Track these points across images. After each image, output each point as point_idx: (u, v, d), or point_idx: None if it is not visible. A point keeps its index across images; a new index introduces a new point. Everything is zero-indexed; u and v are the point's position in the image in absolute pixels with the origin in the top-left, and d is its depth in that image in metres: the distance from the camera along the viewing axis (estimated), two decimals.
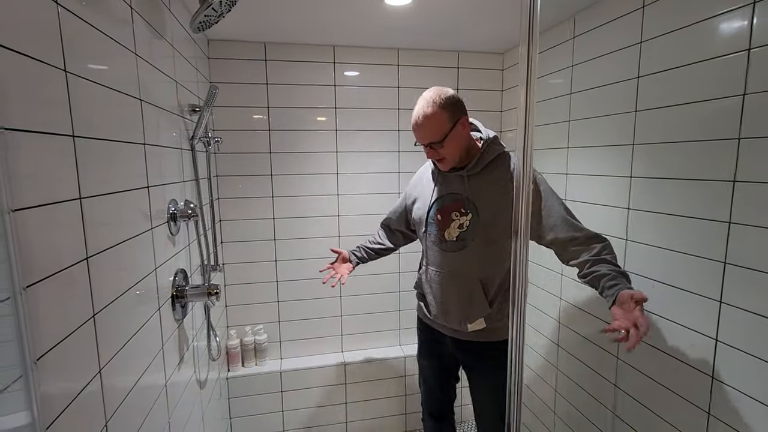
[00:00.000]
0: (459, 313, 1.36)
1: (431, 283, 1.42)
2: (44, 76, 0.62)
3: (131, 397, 0.88)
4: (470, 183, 1.33)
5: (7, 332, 0.50)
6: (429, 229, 1.41)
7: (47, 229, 0.61)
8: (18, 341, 0.50)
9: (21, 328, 0.50)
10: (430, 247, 1.41)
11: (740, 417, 1.05)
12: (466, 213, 1.32)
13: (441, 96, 1.27)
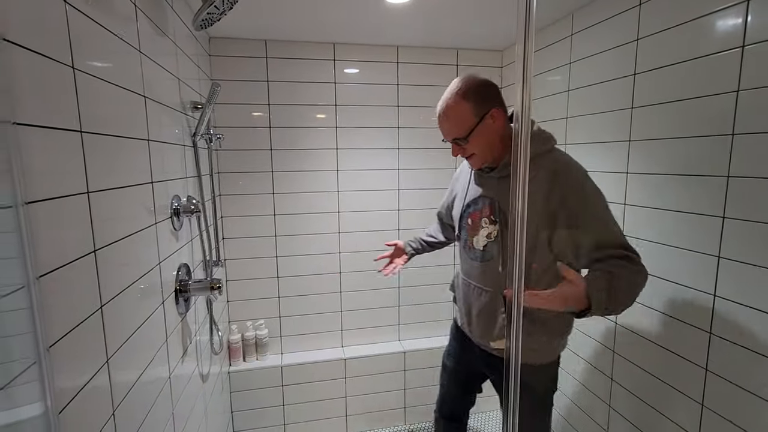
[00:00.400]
0: (481, 328, 1.25)
1: (460, 290, 1.34)
2: (53, 73, 0.64)
3: (136, 388, 0.90)
4: (500, 186, 1.16)
5: (22, 321, 0.52)
6: (461, 233, 1.29)
7: (57, 222, 0.62)
8: (31, 329, 0.52)
9: (34, 316, 0.52)
10: (461, 253, 1.32)
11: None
12: (495, 221, 1.17)
13: (467, 84, 1.12)
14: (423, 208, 2.22)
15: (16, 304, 0.51)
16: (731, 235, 1.06)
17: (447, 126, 1.16)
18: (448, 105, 1.13)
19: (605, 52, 1.45)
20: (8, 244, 0.49)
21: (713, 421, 1.12)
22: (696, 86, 1.13)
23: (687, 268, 1.18)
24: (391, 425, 2.24)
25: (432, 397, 2.24)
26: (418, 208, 2.22)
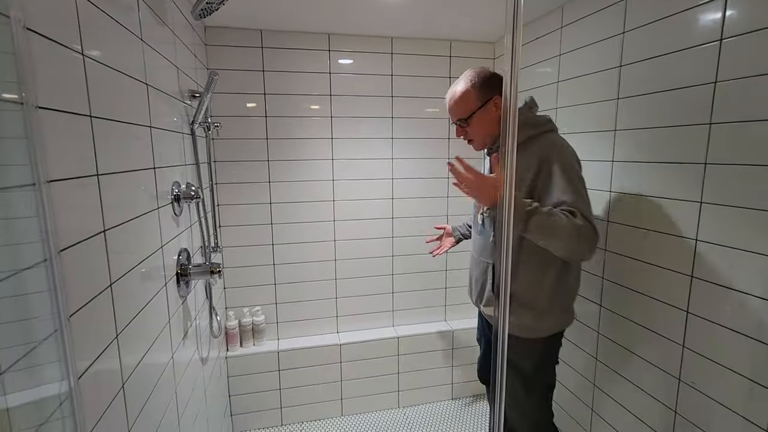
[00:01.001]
0: (476, 294, 1.39)
1: (469, 262, 1.47)
2: (66, 59, 0.67)
3: (142, 366, 0.94)
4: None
5: (44, 292, 0.56)
6: (474, 208, 1.47)
7: (73, 202, 0.66)
8: (53, 299, 0.56)
9: (56, 287, 0.55)
10: (472, 227, 1.51)
11: None
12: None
13: (476, 73, 1.26)
14: (416, 197, 2.27)
15: (40, 276, 0.55)
16: (707, 218, 1.12)
17: (453, 106, 1.29)
18: (457, 88, 1.27)
19: (593, 44, 1.50)
20: (32, 219, 0.53)
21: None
22: (677, 78, 1.18)
23: (667, 251, 1.24)
24: (385, 408, 2.31)
25: (424, 381, 2.33)
26: (412, 197, 2.27)
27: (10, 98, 0.50)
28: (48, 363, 0.55)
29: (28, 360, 0.52)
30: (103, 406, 0.74)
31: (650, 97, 1.28)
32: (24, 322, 0.52)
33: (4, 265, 0.49)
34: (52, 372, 0.57)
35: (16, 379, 0.50)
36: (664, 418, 1.28)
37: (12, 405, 0.49)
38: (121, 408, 0.82)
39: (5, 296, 0.48)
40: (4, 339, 0.47)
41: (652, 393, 1.32)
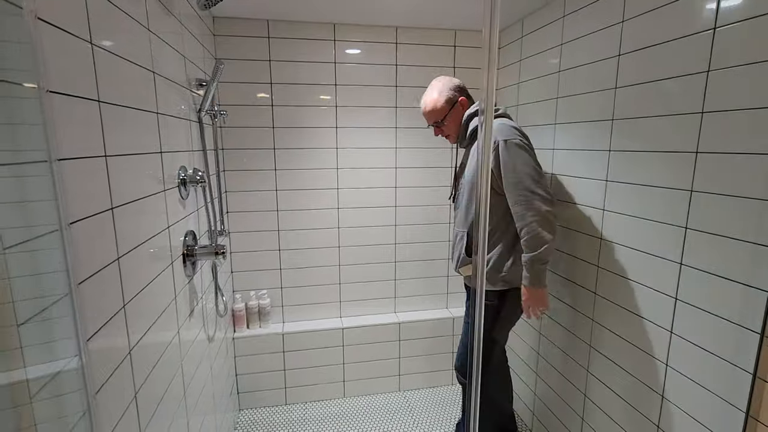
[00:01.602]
0: (455, 260, 1.67)
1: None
2: (75, 47, 0.72)
3: (149, 335, 1.01)
4: (465, 153, 1.66)
5: (55, 260, 0.62)
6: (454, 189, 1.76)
7: (82, 180, 0.72)
8: (64, 266, 0.62)
9: (66, 255, 0.61)
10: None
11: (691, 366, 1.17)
12: (464, 177, 1.63)
13: (443, 82, 1.59)
14: (420, 186, 2.31)
15: (51, 245, 0.61)
16: (697, 206, 1.13)
17: (428, 115, 1.62)
18: (430, 98, 1.59)
19: (594, 33, 1.51)
20: (45, 192, 0.59)
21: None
22: (672, 67, 1.19)
23: (659, 238, 1.26)
24: (386, 391, 2.38)
25: (425, 366, 2.38)
26: (415, 186, 2.30)
27: (24, 83, 0.55)
28: (59, 318, 0.61)
29: (42, 317, 0.59)
30: (111, 368, 0.80)
31: (646, 86, 1.29)
32: (38, 284, 0.58)
33: (22, 234, 0.55)
34: (64, 331, 0.63)
35: (30, 333, 0.56)
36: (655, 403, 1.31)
37: (28, 360, 0.56)
38: (128, 373, 0.89)
39: (23, 256, 0.54)
40: (20, 294, 0.53)
41: (642, 379, 1.35)
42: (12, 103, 0.53)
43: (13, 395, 0.53)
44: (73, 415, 0.64)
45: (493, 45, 0.68)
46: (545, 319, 1.89)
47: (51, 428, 0.60)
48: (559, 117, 1.74)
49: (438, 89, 1.58)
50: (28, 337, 0.55)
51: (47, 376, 0.58)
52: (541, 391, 1.96)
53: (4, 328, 0.52)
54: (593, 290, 1.56)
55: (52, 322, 0.61)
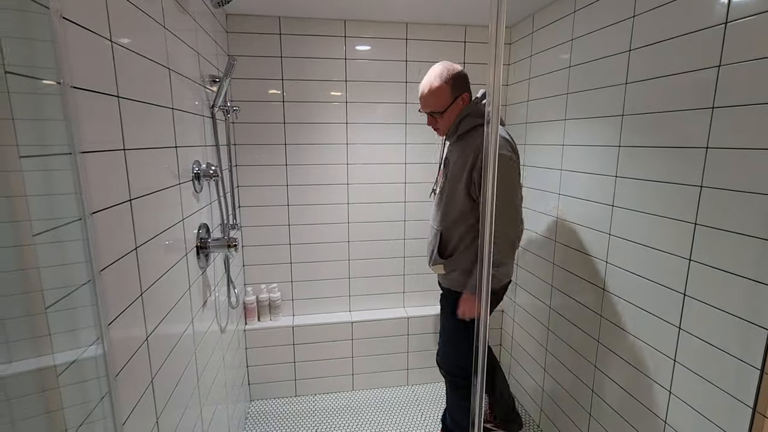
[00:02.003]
0: (428, 256, 1.65)
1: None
2: (96, 45, 0.75)
3: (164, 323, 1.04)
4: (449, 148, 1.60)
5: (78, 248, 0.65)
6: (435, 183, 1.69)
7: (102, 172, 0.75)
8: (86, 255, 0.65)
9: (89, 243, 0.64)
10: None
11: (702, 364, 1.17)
12: (445, 174, 1.59)
13: (449, 71, 1.44)
14: (429, 181, 2.31)
15: (75, 234, 0.64)
16: (706, 202, 1.13)
17: (429, 101, 1.47)
18: (433, 85, 1.44)
19: (605, 28, 1.50)
20: (68, 183, 0.62)
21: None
22: (683, 62, 1.19)
23: (667, 234, 1.26)
24: (394, 385, 2.40)
25: (433, 361, 2.40)
26: (424, 182, 2.31)
27: (50, 79, 0.58)
28: (82, 307, 0.65)
29: (66, 303, 0.62)
30: (129, 354, 0.84)
31: (656, 82, 1.28)
32: (63, 271, 0.61)
33: (48, 223, 0.58)
34: (86, 317, 0.66)
35: (56, 319, 0.59)
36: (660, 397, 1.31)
37: (55, 342, 0.59)
38: (145, 359, 0.92)
39: (49, 245, 0.58)
40: (48, 282, 0.56)
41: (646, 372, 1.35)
42: (39, 99, 0.56)
43: (42, 379, 0.56)
44: (95, 399, 0.67)
45: (500, 41, 0.69)
46: (554, 315, 1.90)
47: (75, 411, 0.63)
48: (569, 113, 1.74)
49: (443, 78, 1.44)
50: (55, 323, 0.58)
51: (71, 361, 0.61)
52: (548, 386, 1.97)
53: (34, 316, 0.55)
54: (602, 286, 1.56)
55: (75, 309, 0.64)
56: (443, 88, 1.44)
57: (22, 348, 0.54)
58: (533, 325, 2.09)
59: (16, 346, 0.54)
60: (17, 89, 0.53)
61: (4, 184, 0.52)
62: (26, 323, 0.55)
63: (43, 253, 0.57)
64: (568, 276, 1.78)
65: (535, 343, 2.08)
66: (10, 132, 0.52)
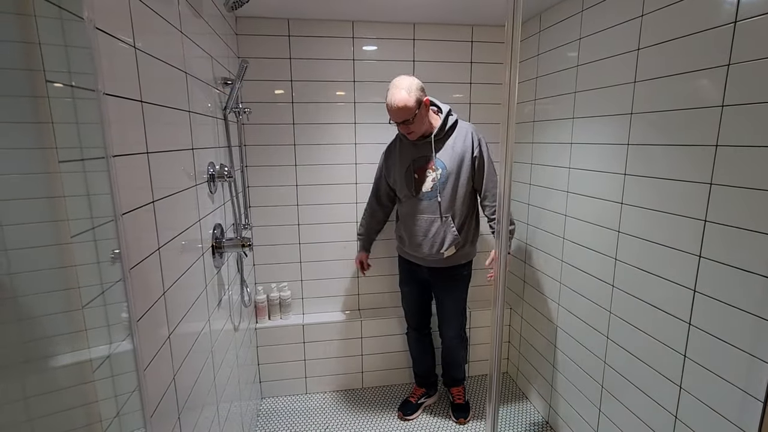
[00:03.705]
0: (436, 244, 1.84)
1: (409, 229, 1.89)
2: (122, 52, 0.77)
3: (184, 322, 1.07)
4: (437, 146, 1.80)
5: (109, 247, 0.68)
6: (405, 188, 1.86)
7: (129, 174, 0.77)
8: (118, 253, 0.67)
9: (121, 245, 0.67)
10: (410, 199, 1.86)
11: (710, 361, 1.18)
12: (436, 169, 1.79)
13: (411, 86, 1.68)
14: None
15: (107, 235, 0.66)
16: (716, 199, 1.14)
17: (399, 114, 1.69)
18: (401, 99, 1.67)
19: (613, 27, 1.51)
20: (102, 185, 0.64)
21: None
22: (692, 61, 1.20)
23: (676, 230, 1.27)
24: (403, 382, 2.42)
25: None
26: None
27: (87, 86, 0.61)
28: (113, 304, 0.67)
29: (100, 301, 0.64)
30: (156, 348, 0.86)
31: (665, 80, 1.29)
32: (97, 270, 0.64)
33: (84, 225, 0.61)
34: (116, 315, 0.69)
35: (91, 316, 0.62)
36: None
37: (91, 338, 0.61)
38: (168, 357, 0.95)
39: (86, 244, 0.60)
40: (85, 280, 0.59)
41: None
42: (76, 105, 0.59)
43: (81, 373, 0.58)
44: (126, 392, 0.70)
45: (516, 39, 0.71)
46: (562, 311, 1.91)
47: (109, 403, 0.65)
48: (577, 111, 1.75)
49: (406, 89, 1.67)
50: (91, 319, 0.61)
51: (105, 356, 0.64)
52: (557, 382, 1.98)
53: (72, 312, 0.57)
54: (611, 282, 1.57)
55: (107, 307, 0.67)
56: (408, 100, 1.67)
57: (62, 343, 0.57)
58: (541, 322, 2.11)
59: (57, 341, 0.57)
60: (56, 96, 0.55)
61: (45, 187, 0.54)
62: (65, 319, 0.57)
63: (80, 252, 0.59)
64: (576, 272, 1.79)
65: (544, 340, 2.10)
66: (50, 137, 0.55)
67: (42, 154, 0.54)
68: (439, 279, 1.97)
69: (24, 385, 0.51)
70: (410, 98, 1.67)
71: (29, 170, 0.53)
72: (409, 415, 2.14)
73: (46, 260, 0.55)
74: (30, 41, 0.51)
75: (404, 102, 1.66)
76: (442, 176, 1.78)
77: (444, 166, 1.78)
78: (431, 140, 1.78)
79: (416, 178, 1.83)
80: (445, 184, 1.78)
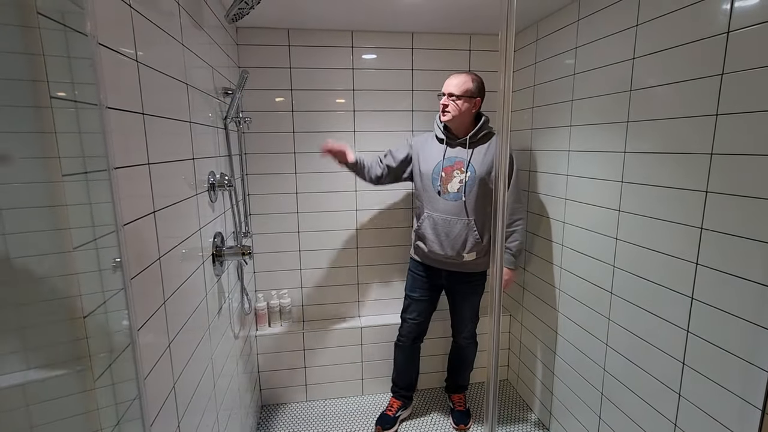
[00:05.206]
0: (454, 247, 1.84)
1: (432, 227, 1.86)
2: (124, 66, 0.79)
3: (184, 331, 1.08)
4: (470, 147, 1.82)
5: (110, 257, 0.69)
6: (433, 183, 1.86)
7: (131, 186, 0.79)
8: (120, 263, 0.68)
9: (122, 255, 0.68)
10: (433, 197, 1.86)
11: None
12: (465, 171, 1.81)
13: (477, 77, 1.82)
14: None
15: (108, 245, 0.67)
16: (712, 207, 1.15)
17: (453, 82, 1.78)
18: (462, 74, 1.80)
19: (608, 37, 1.53)
20: (104, 196, 0.65)
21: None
22: (686, 70, 1.21)
23: (673, 237, 1.28)
24: None
25: (441, 366, 2.42)
26: None
27: (90, 101, 0.62)
28: (114, 311, 0.68)
29: (103, 310, 0.65)
30: (156, 356, 0.87)
31: (661, 89, 1.31)
32: (99, 279, 0.65)
33: (86, 236, 0.62)
34: (117, 323, 0.70)
35: (94, 322, 0.63)
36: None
37: (92, 347, 0.62)
38: (168, 365, 0.96)
39: (89, 253, 0.61)
40: (88, 287, 0.60)
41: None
42: (79, 118, 0.60)
43: (82, 381, 0.59)
44: (126, 401, 0.71)
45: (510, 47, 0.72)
46: (561, 318, 1.92)
47: (109, 411, 0.66)
48: (574, 119, 1.76)
49: (471, 76, 1.79)
50: (92, 328, 0.62)
51: (107, 365, 0.65)
52: (557, 389, 1.98)
53: (73, 320, 0.58)
54: (609, 290, 1.58)
55: (108, 314, 0.68)
56: (468, 80, 1.77)
57: (64, 351, 0.58)
58: (541, 329, 2.11)
59: (57, 349, 0.57)
60: (60, 108, 0.57)
61: (49, 199, 0.55)
62: (66, 328, 0.58)
63: (82, 261, 0.60)
64: (575, 279, 1.80)
65: (543, 346, 2.10)
66: (54, 150, 0.56)
67: (45, 166, 0.55)
68: (457, 284, 1.98)
69: (25, 393, 0.52)
70: (471, 81, 1.77)
71: (33, 180, 0.55)
72: (388, 428, 2.09)
73: (48, 269, 0.56)
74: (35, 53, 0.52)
75: (467, 78, 1.76)
76: (471, 179, 1.79)
77: (474, 170, 1.80)
78: (466, 140, 1.81)
79: (443, 177, 1.84)
80: (473, 188, 1.80)
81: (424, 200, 1.89)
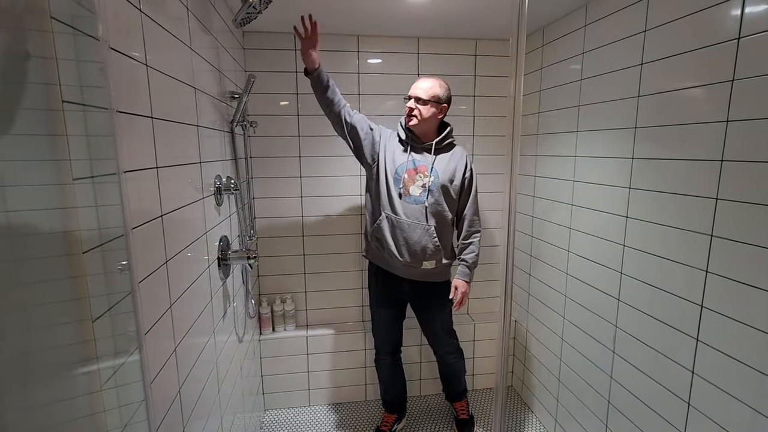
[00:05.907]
0: (414, 254, 1.77)
1: (389, 229, 1.79)
2: (135, 70, 0.79)
3: (190, 334, 1.07)
4: (435, 154, 1.80)
5: (121, 261, 0.69)
6: (396, 182, 1.79)
7: (139, 189, 0.79)
8: (128, 267, 0.68)
9: (131, 258, 0.68)
10: (393, 198, 1.79)
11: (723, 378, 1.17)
12: (429, 176, 1.77)
13: (446, 85, 1.78)
14: None
15: (118, 247, 0.67)
16: (722, 214, 1.14)
17: (423, 86, 1.74)
18: (433, 80, 1.75)
19: (616, 42, 1.53)
20: (113, 200, 0.65)
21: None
22: (696, 76, 1.21)
23: (682, 245, 1.27)
24: (408, 395, 2.40)
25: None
26: None
27: (100, 105, 0.62)
28: (122, 314, 0.68)
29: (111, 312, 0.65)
30: (162, 360, 0.87)
31: (669, 95, 1.30)
32: (107, 283, 0.65)
33: (96, 236, 0.62)
34: (126, 326, 0.70)
35: (100, 327, 0.62)
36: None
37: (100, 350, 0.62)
38: (174, 369, 0.95)
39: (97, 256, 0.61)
40: (96, 290, 0.59)
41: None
42: (91, 122, 0.60)
43: (89, 383, 0.59)
44: (133, 404, 0.70)
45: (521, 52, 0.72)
46: (567, 325, 1.90)
47: (115, 414, 0.66)
48: (581, 125, 1.76)
49: (440, 85, 1.75)
50: (100, 331, 0.62)
51: (115, 368, 0.64)
52: (563, 396, 1.96)
53: (81, 322, 0.58)
54: (616, 296, 1.56)
55: (116, 317, 0.67)
56: (436, 85, 1.74)
57: (71, 353, 0.58)
58: (546, 335, 2.09)
59: (67, 352, 0.57)
60: (72, 114, 0.57)
61: (60, 202, 0.55)
62: (75, 330, 0.58)
63: (92, 266, 0.60)
64: (581, 285, 1.78)
65: (549, 353, 2.08)
66: (65, 154, 0.56)
67: (57, 169, 0.55)
68: (421, 296, 1.91)
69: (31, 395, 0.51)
70: (441, 87, 1.74)
71: (45, 183, 0.55)
72: None
73: (57, 271, 0.56)
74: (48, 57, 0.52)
75: (434, 83, 1.74)
76: (434, 184, 1.76)
77: (437, 175, 1.77)
78: (432, 146, 1.79)
79: (405, 178, 1.77)
80: (434, 193, 1.76)
81: (383, 200, 1.79)
